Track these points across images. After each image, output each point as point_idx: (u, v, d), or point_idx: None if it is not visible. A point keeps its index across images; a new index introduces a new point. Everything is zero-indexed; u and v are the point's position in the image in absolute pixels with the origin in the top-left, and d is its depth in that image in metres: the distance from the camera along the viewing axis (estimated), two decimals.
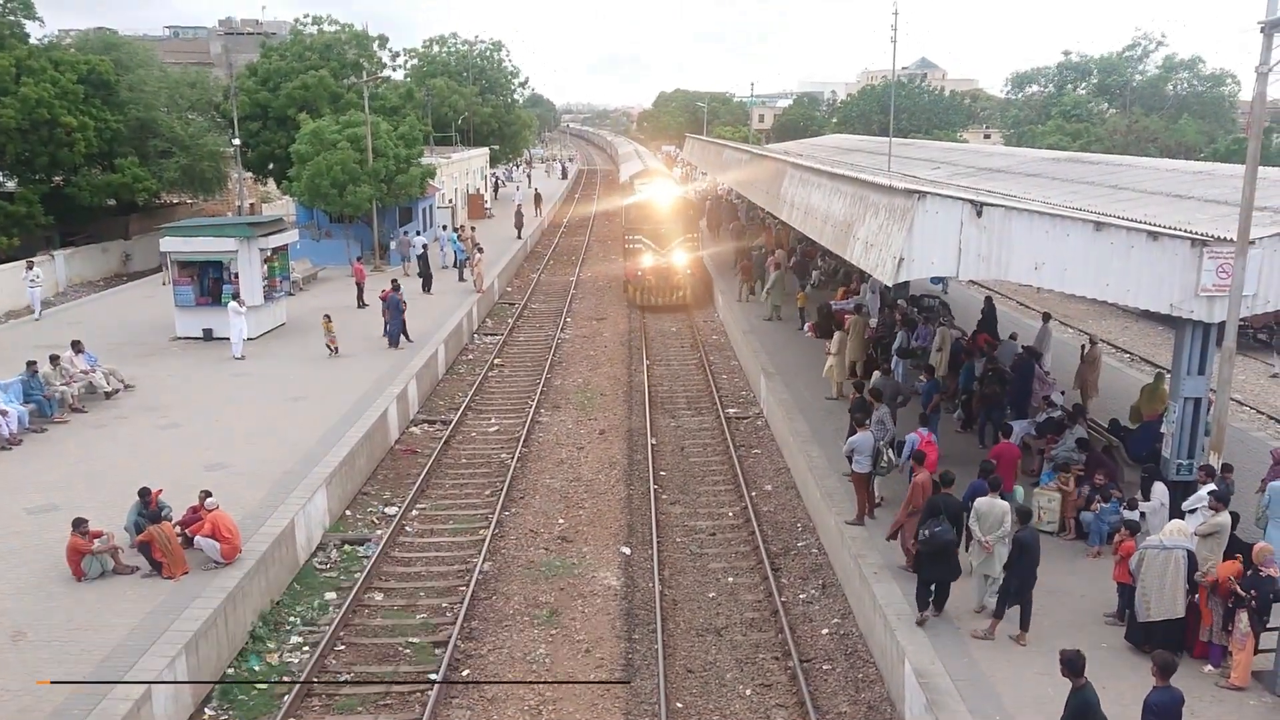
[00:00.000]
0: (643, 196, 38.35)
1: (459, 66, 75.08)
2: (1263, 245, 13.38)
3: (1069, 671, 8.82)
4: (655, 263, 35.42)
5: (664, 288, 35.56)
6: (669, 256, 35.44)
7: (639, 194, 39.93)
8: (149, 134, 43.55)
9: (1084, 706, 8.66)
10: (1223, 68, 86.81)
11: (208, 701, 12.14)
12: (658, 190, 39.34)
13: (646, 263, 35.52)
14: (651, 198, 37.43)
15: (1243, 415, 22.93)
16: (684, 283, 35.70)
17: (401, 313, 26.68)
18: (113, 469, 17.45)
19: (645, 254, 35.55)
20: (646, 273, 35.64)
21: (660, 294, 35.65)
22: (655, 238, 35.34)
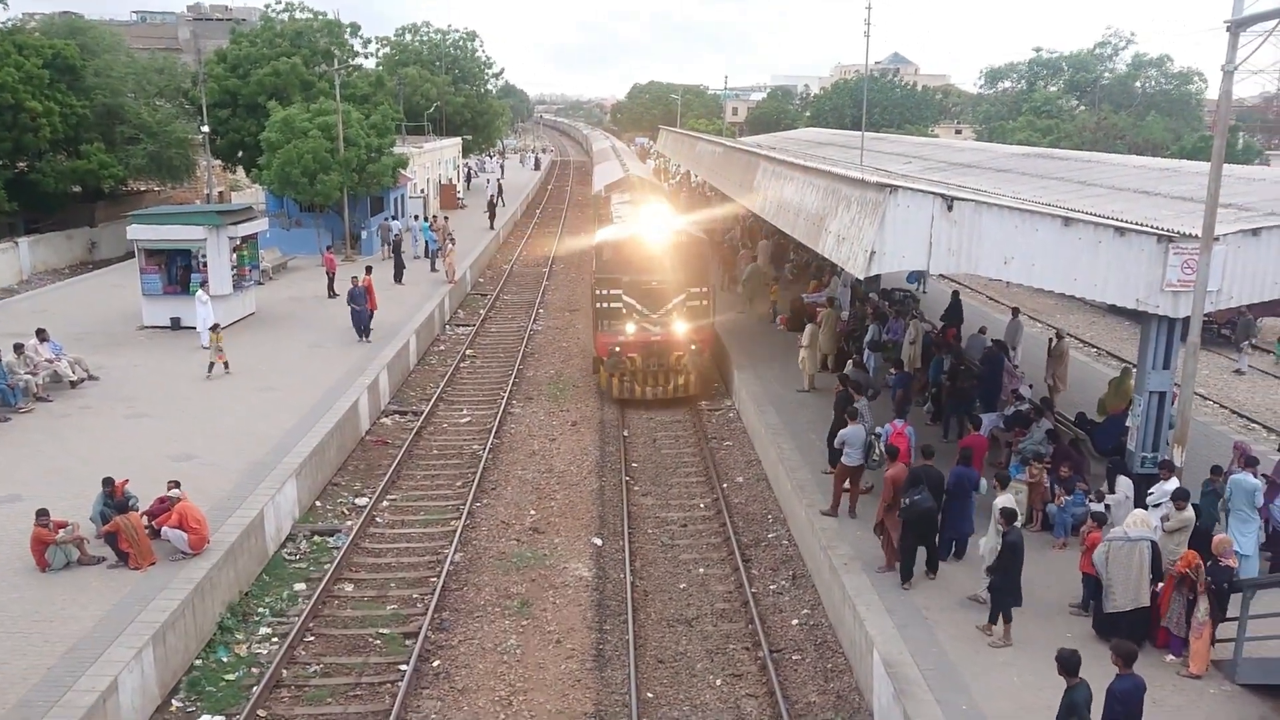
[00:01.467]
0: (624, 228, 26.18)
1: (431, 56, 74.51)
2: (1227, 241, 13.59)
3: (1064, 670, 8.89)
4: (643, 334, 23.79)
5: (657, 373, 23.85)
6: (665, 325, 23.78)
7: (619, 219, 28.72)
8: (116, 120, 42.93)
9: (1072, 706, 8.75)
10: (1190, 66, 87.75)
11: (175, 693, 12.04)
12: (647, 217, 27.25)
13: (629, 333, 23.80)
14: (638, 231, 24.90)
15: (1206, 410, 23.28)
16: (687, 365, 23.69)
17: (364, 305, 26.02)
18: (78, 459, 17.24)
19: (627, 319, 23.84)
20: (629, 348, 23.82)
21: (650, 381, 23.88)
22: (643, 294, 23.74)
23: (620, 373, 23.65)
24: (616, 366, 23.67)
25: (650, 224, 25.37)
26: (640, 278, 23.70)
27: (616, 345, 23.77)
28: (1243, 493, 13.32)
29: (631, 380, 23.64)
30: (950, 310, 26.48)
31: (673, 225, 25.75)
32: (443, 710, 12.02)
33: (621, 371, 23.66)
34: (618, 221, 28.16)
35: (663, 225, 25.29)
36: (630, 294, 23.65)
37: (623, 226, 26.43)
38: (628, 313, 23.74)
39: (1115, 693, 8.97)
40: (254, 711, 11.66)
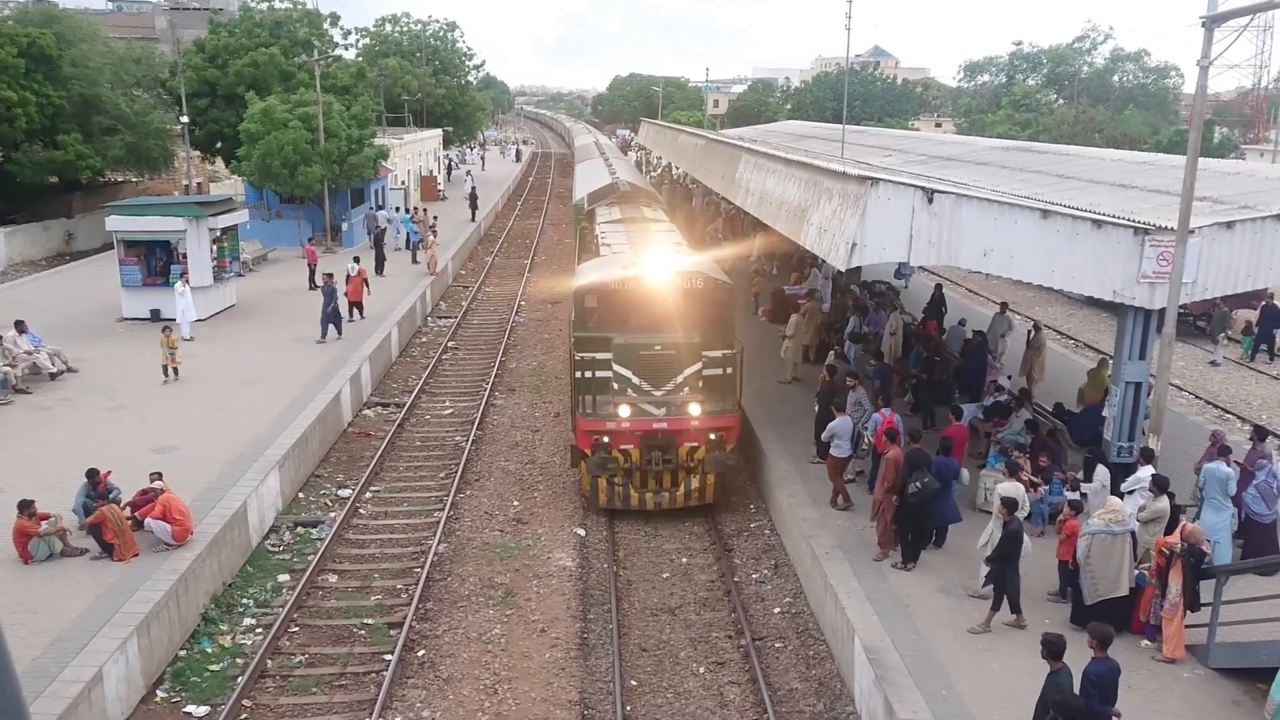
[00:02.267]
0: (616, 264, 18.48)
1: (412, 47, 74.16)
2: (1202, 234, 13.79)
3: (1049, 654, 9.06)
4: (643, 419, 16.87)
5: (661, 473, 17.16)
6: (675, 405, 16.92)
7: (608, 248, 20.54)
8: (93, 110, 42.51)
9: (1055, 689, 8.91)
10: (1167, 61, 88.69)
11: (160, 683, 12.06)
12: (648, 246, 19.61)
13: (623, 418, 16.72)
14: (637, 270, 17.55)
15: (1181, 400, 23.58)
16: (705, 463, 17.04)
17: (334, 302, 25.44)
18: (59, 451, 17.16)
19: (620, 398, 16.88)
20: (622, 438, 16.88)
21: (652, 485, 17.23)
22: (644, 362, 16.90)
23: (610, 474, 16.68)
24: (604, 466, 16.56)
25: (653, 259, 17.79)
26: (640, 339, 16.74)
27: (604, 435, 16.55)
28: (1216, 481, 13.56)
29: (626, 484, 16.82)
30: (932, 303, 26.70)
31: (685, 262, 18.31)
32: (428, 699, 12.09)
33: (611, 472, 16.67)
34: (607, 252, 20.19)
35: (671, 261, 17.82)
36: (625, 362, 16.67)
37: (614, 262, 18.59)
38: (621, 388, 16.61)
39: (1090, 675, 9.15)
40: (239, 702, 11.69)
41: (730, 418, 17.14)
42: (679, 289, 17.10)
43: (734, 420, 17.27)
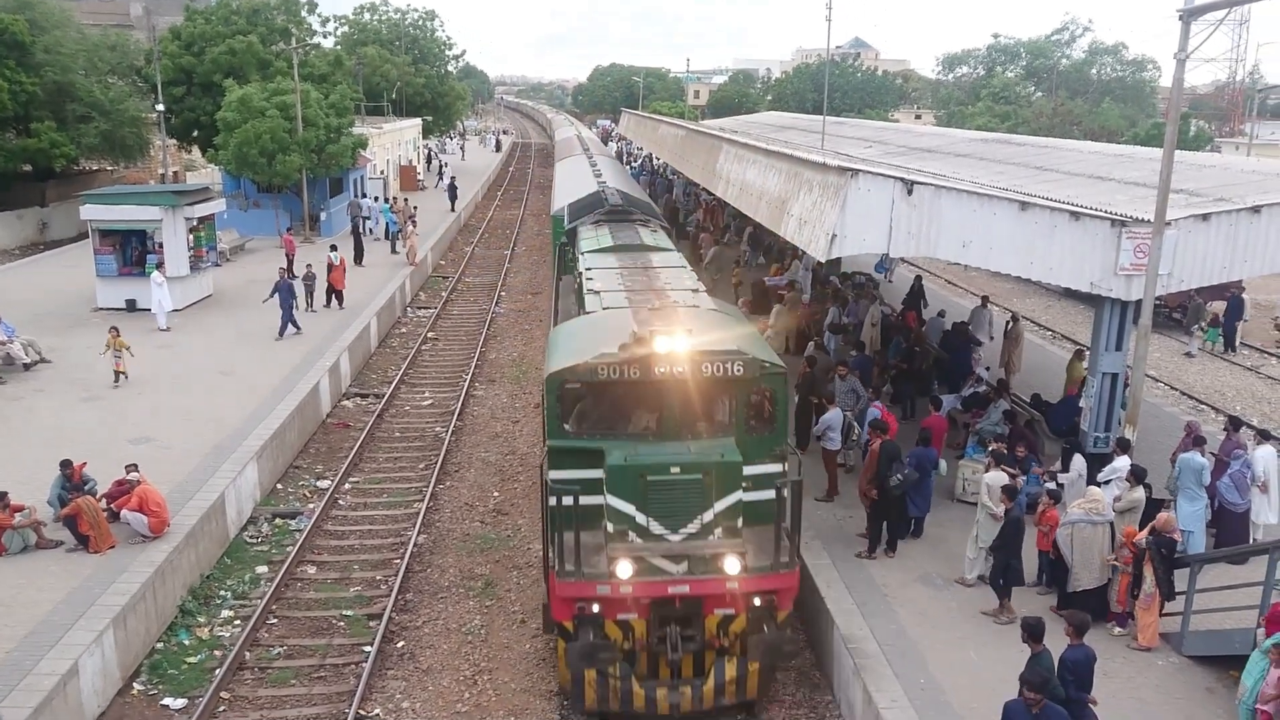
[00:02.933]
0: (612, 328, 12.10)
1: (391, 35, 73.68)
2: (1178, 226, 13.90)
3: (1029, 637, 9.11)
4: (653, 580, 10.69)
5: (683, 658, 11.03)
6: (702, 557, 10.71)
7: (597, 295, 14.60)
8: (67, 98, 41.99)
9: (1034, 671, 8.95)
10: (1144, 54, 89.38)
11: (136, 676, 11.98)
12: (660, 310, 12.83)
13: (623, 577, 10.58)
14: (647, 343, 11.06)
15: (1157, 391, 23.78)
16: (748, 640, 11.07)
17: (292, 298, 24.65)
18: (33, 443, 16.98)
19: (619, 546, 10.69)
20: (620, 606, 10.86)
21: (669, 672, 11.16)
22: (657, 496, 10.60)
23: (603, 663, 10.72)
24: (593, 657, 10.67)
25: (667, 323, 11.62)
26: (649, 455, 10.78)
27: (593, 602, 10.80)
28: (1191, 471, 13.70)
29: (629, 674, 10.83)
30: (911, 294, 26.80)
31: (715, 331, 12.17)
32: (407, 690, 12.06)
33: (605, 663, 10.72)
34: (595, 305, 14.07)
35: (696, 330, 11.60)
36: (627, 490, 10.63)
37: (607, 327, 12.35)
38: (620, 530, 10.70)
39: (1067, 662, 9.24)
40: (217, 694, 11.63)
41: (785, 575, 10.85)
42: (709, 378, 11.05)
43: (790, 579, 10.97)
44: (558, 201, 26.56)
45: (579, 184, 27.63)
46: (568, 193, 26.62)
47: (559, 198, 27.72)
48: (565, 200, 24.55)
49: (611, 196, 21.60)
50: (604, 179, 26.93)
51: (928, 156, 23.91)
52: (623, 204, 20.83)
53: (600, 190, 22.84)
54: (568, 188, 28.75)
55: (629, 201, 21.55)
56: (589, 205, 21.40)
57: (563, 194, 27.36)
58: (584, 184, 26.98)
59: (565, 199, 25.10)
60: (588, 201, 22.04)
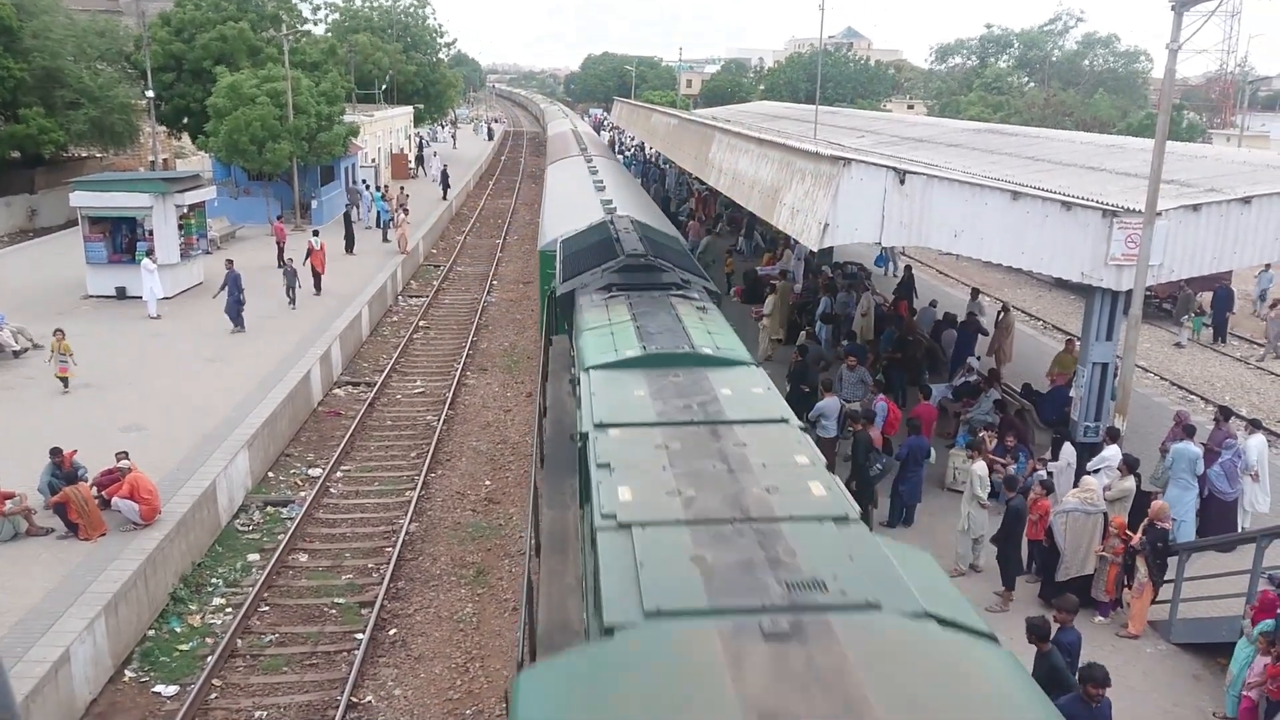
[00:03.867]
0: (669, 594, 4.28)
1: (382, 23, 73.30)
2: (1169, 217, 13.94)
3: (1035, 638, 9.12)
4: None
5: None
6: None
7: (628, 515, 5.24)
8: (55, 84, 41.64)
9: (1052, 671, 8.97)
10: (1137, 45, 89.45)
11: (128, 663, 11.98)
12: (763, 538, 4.91)
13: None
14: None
15: (1147, 381, 23.87)
16: None
17: (240, 291, 23.69)
18: (22, 430, 16.92)
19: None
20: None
21: None
22: None
23: None
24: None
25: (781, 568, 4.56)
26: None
27: None
28: (1185, 461, 13.80)
29: None
30: (903, 284, 26.85)
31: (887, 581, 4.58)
32: (399, 678, 12.09)
33: None
34: (610, 524, 5.27)
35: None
36: None
37: (670, 570, 4.60)
38: None
39: (1063, 644, 9.36)
40: (208, 681, 11.64)
41: None
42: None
43: None
44: (548, 228, 19.26)
45: (577, 205, 20.56)
46: (561, 217, 19.44)
47: (550, 222, 20.10)
48: (558, 229, 17.29)
49: (626, 236, 12.95)
50: (612, 200, 19.14)
51: (920, 146, 23.93)
52: (645, 253, 11.78)
53: (608, 222, 14.64)
54: (561, 209, 21.40)
55: (655, 247, 12.53)
56: (594, 252, 12.94)
57: (555, 218, 20.20)
58: (584, 206, 19.88)
59: (558, 227, 17.92)
60: (592, 245, 13.43)
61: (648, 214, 20.24)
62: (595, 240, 13.46)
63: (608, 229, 13.70)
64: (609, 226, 13.93)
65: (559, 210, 21.53)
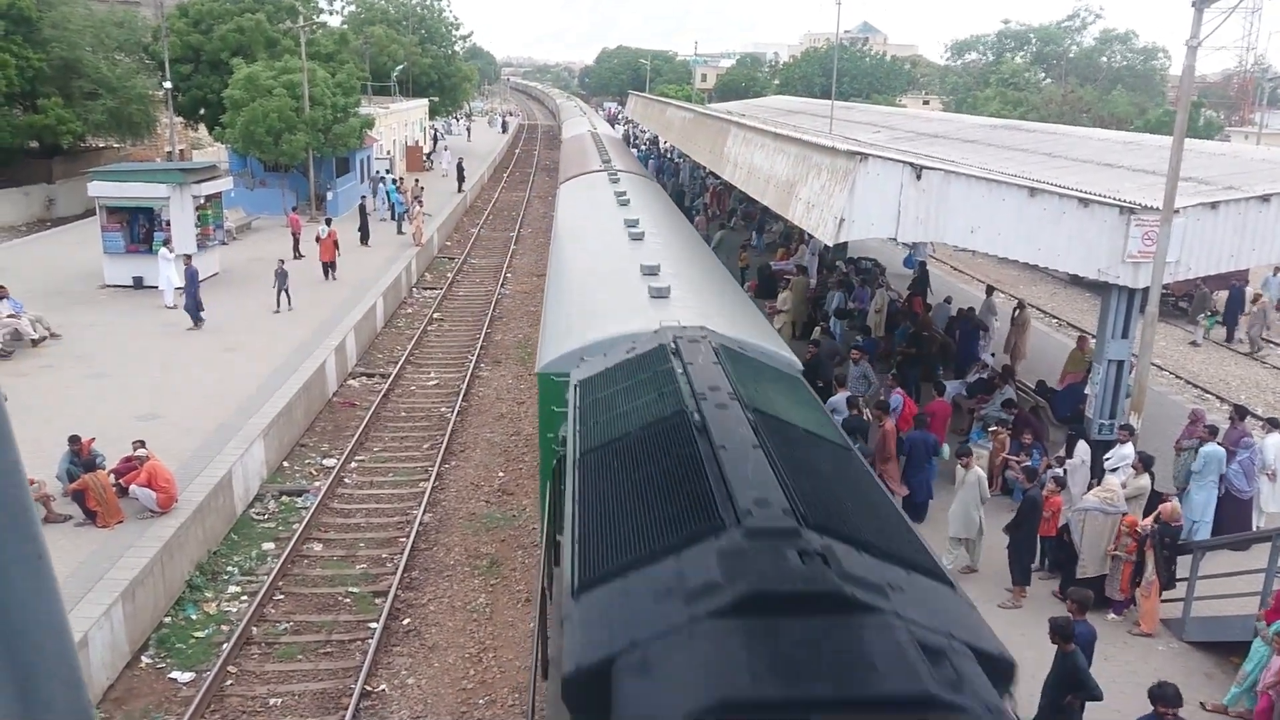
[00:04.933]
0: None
1: (398, 15, 73.44)
2: (1187, 214, 13.88)
3: (1058, 638, 9.11)
4: None
5: None
6: None
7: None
8: (74, 74, 41.94)
9: (1074, 671, 8.96)
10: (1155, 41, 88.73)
11: (145, 649, 12.09)
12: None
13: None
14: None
15: (1162, 379, 23.78)
16: None
17: (196, 285, 22.91)
18: (40, 418, 17.04)
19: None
20: None
21: None
22: None
23: None
24: None
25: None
26: None
27: None
28: (1215, 463, 13.78)
29: None
30: (917, 280, 26.80)
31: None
32: (413, 667, 12.16)
33: None
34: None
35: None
36: None
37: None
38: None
39: (1079, 637, 9.37)
40: (224, 668, 11.73)
41: None
42: None
43: None
44: (553, 323, 11.55)
45: (603, 276, 12.73)
46: (578, 302, 11.78)
47: (557, 309, 12.15)
48: (572, 330, 10.45)
49: (718, 417, 5.29)
50: (659, 270, 11.55)
51: (936, 142, 23.87)
52: (794, 510, 4.07)
53: (670, 350, 6.96)
54: (577, 281, 13.18)
55: (754, 395, 6.07)
56: (645, 446, 5.32)
57: (567, 300, 12.27)
58: (614, 280, 12.24)
59: (571, 322, 10.87)
60: (639, 377, 6.76)
61: (735, 309, 11.54)
62: (644, 404, 6.10)
63: (670, 375, 6.35)
64: (670, 364, 6.56)
65: (574, 284, 12.83)
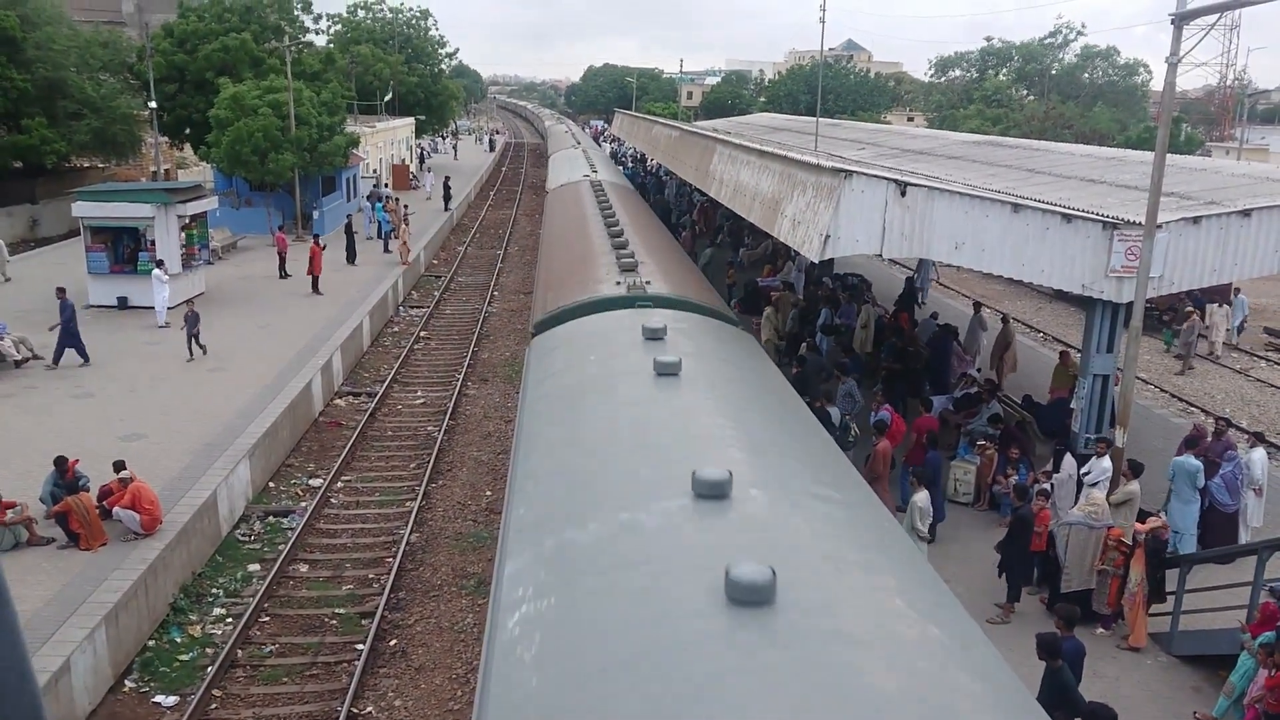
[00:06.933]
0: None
1: (384, 34, 73.64)
2: (1169, 229, 13.99)
3: (1045, 654, 9.10)
4: None
5: None
6: None
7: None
8: (58, 94, 41.81)
9: (1063, 688, 8.93)
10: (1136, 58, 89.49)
11: (128, 673, 11.96)
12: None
13: None
14: None
15: (1147, 393, 23.90)
16: None
17: (73, 318, 21.28)
18: (24, 439, 16.92)
19: None
20: None
21: None
22: None
23: None
24: None
25: None
26: None
27: None
28: (1185, 474, 13.82)
29: None
30: (903, 296, 26.89)
31: None
32: (400, 688, 12.07)
33: None
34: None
35: None
36: None
37: None
38: None
39: (1067, 653, 9.36)
40: (209, 691, 11.62)
41: None
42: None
43: None
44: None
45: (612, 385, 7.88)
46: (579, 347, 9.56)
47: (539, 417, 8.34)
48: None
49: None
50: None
51: (920, 158, 24.01)
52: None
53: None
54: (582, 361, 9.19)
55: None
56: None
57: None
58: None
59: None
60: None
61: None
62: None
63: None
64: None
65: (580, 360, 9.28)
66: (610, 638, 4.06)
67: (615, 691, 3.67)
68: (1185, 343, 26.45)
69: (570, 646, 4.14)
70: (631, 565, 4.68)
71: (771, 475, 5.83)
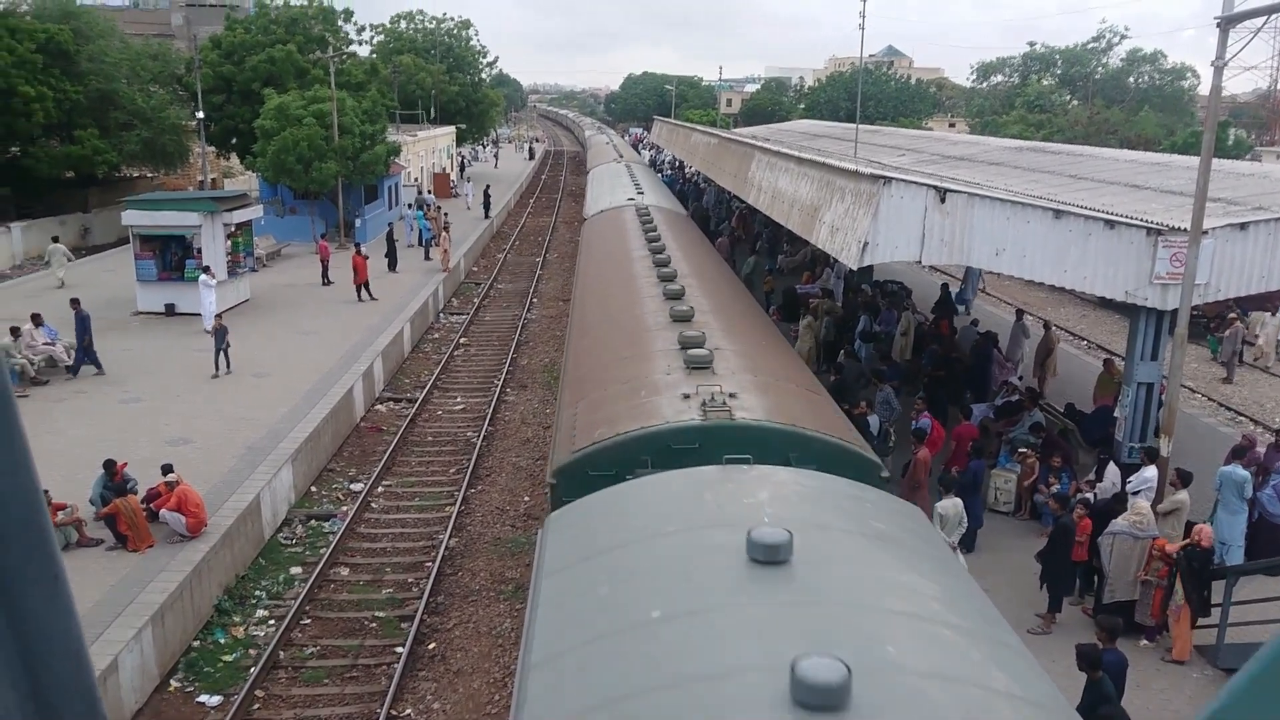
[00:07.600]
0: None
1: (426, 43, 74.47)
2: (1215, 235, 13.78)
3: (1085, 665, 9.00)
4: None
5: None
6: None
7: None
8: (109, 106, 42.80)
9: (1100, 699, 8.83)
10: (1183, 61, 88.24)
11: (173, 673, 12.18)
12: None
13: None
14: None
15: (1194, 402, 23.49)
16: None
17: (88, 333, 21.24)
18: (74, 442, 17.30)
19: None
20: None
21: None
22: None
23: None
24: None
25: None
26: None
27: None
28: (1232, 484, 13.57)
29: None
30: (942, 302, 26.67)
31: None
32: (438, 692, 12.17)
33: None
34: None
35: None
36: None
37: None
38: None
39: (1109, 665, 9.23)
40: (251, 691, 11.79)
41: None
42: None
43: None
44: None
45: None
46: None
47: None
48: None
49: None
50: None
51: (961, 165, 23.83)
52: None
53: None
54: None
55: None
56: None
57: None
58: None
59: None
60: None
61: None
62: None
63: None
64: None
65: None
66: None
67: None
68: (1229, 350, 25.96)
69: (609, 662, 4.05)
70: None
71: None
